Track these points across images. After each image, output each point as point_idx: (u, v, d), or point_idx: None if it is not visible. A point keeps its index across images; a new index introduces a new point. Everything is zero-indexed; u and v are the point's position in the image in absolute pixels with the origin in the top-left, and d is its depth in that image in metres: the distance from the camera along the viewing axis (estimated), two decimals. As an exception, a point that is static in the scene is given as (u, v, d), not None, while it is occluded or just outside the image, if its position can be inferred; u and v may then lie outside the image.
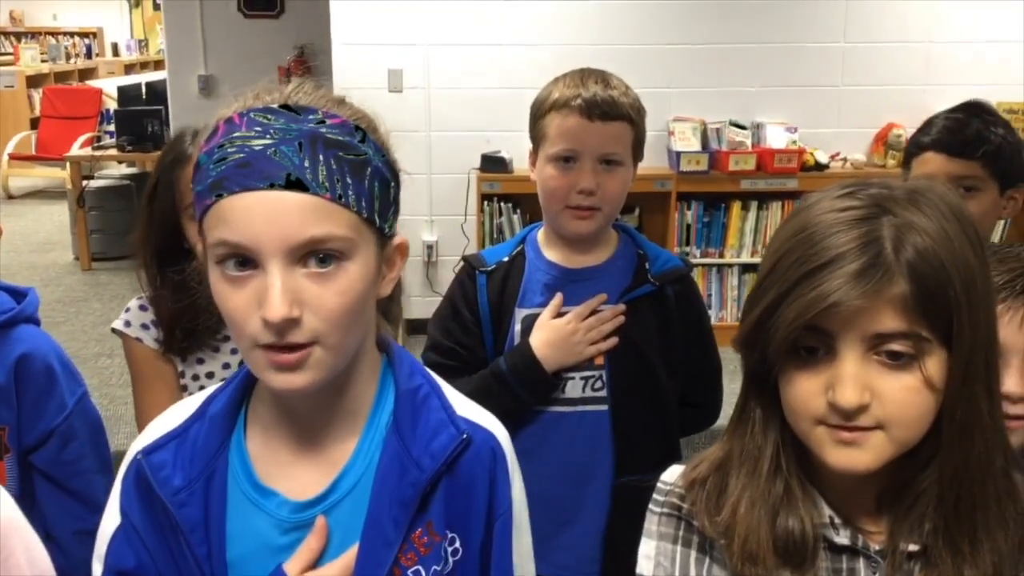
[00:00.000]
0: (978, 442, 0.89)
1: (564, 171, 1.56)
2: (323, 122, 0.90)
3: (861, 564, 0.94)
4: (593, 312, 1.60)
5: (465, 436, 0.96)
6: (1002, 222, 4.91)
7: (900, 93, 5.03)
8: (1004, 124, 1.74)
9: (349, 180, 0.90)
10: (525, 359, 1.57)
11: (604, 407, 1.61)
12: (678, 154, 4.91)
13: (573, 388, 1.61)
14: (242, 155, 0.87)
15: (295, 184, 0.87)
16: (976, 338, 0.87)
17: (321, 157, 0.89)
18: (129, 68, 13.39)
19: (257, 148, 0.87)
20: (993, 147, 1.69)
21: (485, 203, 4.95)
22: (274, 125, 0.89)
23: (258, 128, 0.88)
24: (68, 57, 12.45)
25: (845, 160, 5.04)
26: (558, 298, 1.61)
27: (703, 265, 5.10)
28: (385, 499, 0.94)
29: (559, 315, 1.60)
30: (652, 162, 5.06)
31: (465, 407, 1.03)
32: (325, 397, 0.96)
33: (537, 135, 1.61)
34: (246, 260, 0.88)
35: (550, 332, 1.58)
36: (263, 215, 0.87)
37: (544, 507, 1.27)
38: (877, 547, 0.94)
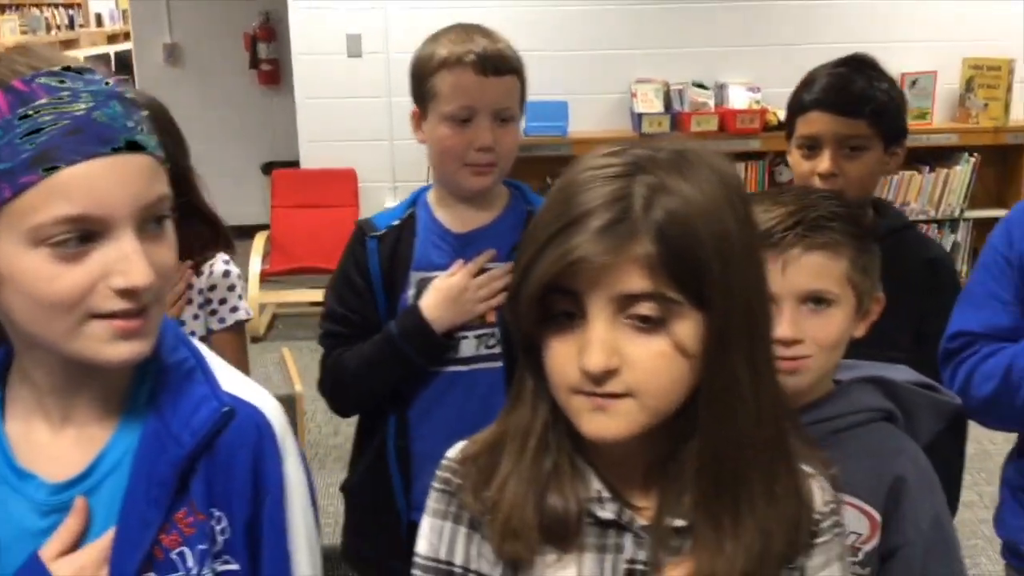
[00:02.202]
0: (738, 414, 0.86)
1: (460, 129, 1.53)
2: (108, 82, 0.88)
3: (628, 540, 0.92)
4: (484, 270, 1.59)
5: (226, 410, 0.93)
6: (968, 181, 4.89)
7: (864, 50, 4.96)
8: (888, 79, 1.70)
9: (156, 138, 0.90)
10: (415, 322, 1.57)
11: (499, 364, 1.60)
12: (640, 116, 4.88)
13: (467, 347, 1.60)
14: (67, 122, 0.84)
15: (134, 146, 0.86)
16: (732, 304, 0.84)
17: (135, 116, 0.88)
18: (112, 38, 13.27)
19: (79, 113, 0.84)
20: (879, 104, 1.65)
21: (446, 169, 4.93)
22: (78, 88, 0.85)
23: (65, 93, 0.85)
24: (49, 28, 12.34)
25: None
26: (457, 264, 1.60)
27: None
28: (144, 478, 0.91)
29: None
30: (614, 124, 5.04)
31: (233, 382, 0.99)
32: (83, 373, 0.93)
33: (426, 95, 1.57)
34: (88, 233, 0.84)
35: (439, 293, 1.57)
36: (114, 180, 0.84)
37: None
38: (644, 522, 0.91)
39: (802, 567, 0.93)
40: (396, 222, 1.64)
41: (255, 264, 4.79)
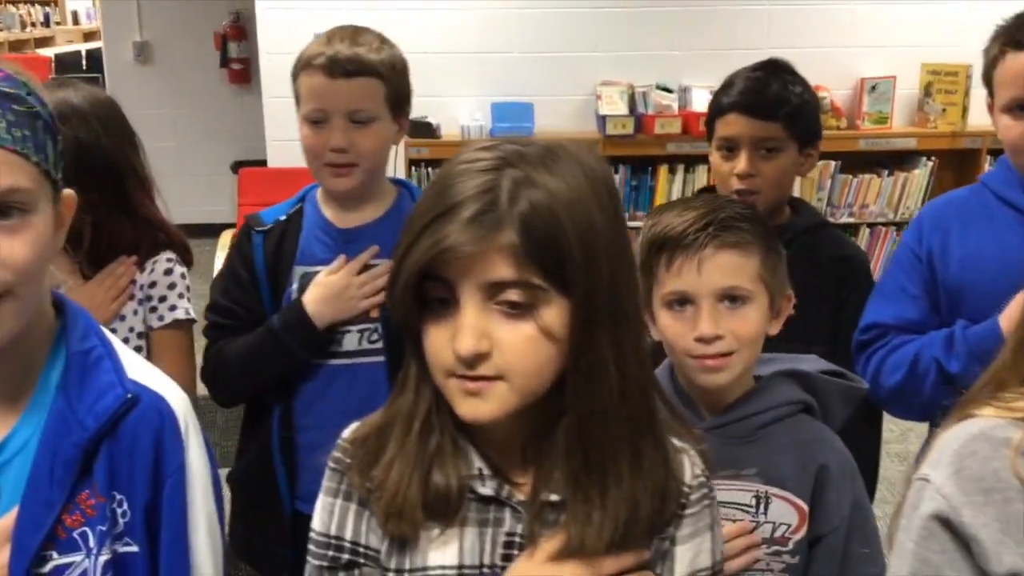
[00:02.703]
0: (604, 392, 0.91)
1: (317, 131, 1.59)
2: None
3: (507, 514, 0.96)
4: (369, 266, 1.63)
5: (130, 396, 0.97)
6: (926, 184, 4.97)
7: (825, 55, 5.04)
8: (802, 82, 1.76)
9: (27, 132, 0.92)
10: (297, 315, 1.60)
11: (381, 358, 1.64)
12: (604, 118, 4.93)
13: (350, 341, 1.64)
14: None
15: None
16: (596, 290, 0.89)
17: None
18: (89, 36, 13.23)
19: None
20: (793, 107, 1.71)
21: (413, 168, 4.95)
22: None
23: None
24: (24, 26, 12.30)
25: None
26: (340, 259, 1.63)
27: (633, 229, 5.12)
28: (48, 460, 0.94)
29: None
30: (579, 126, 5.08)
31: (140, 370, 1.03)
32: None
33: (295, 96, 1.63)
34: None
35: (323, 288, 1.61)
36: None
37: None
38: (522, 497, 0.96)
39: (672, 537, 0.99)
40: (283, 217, 1.69)
41: (221, 263, 4.80)
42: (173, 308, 1.76)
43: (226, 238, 5.02)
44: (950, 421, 0.96)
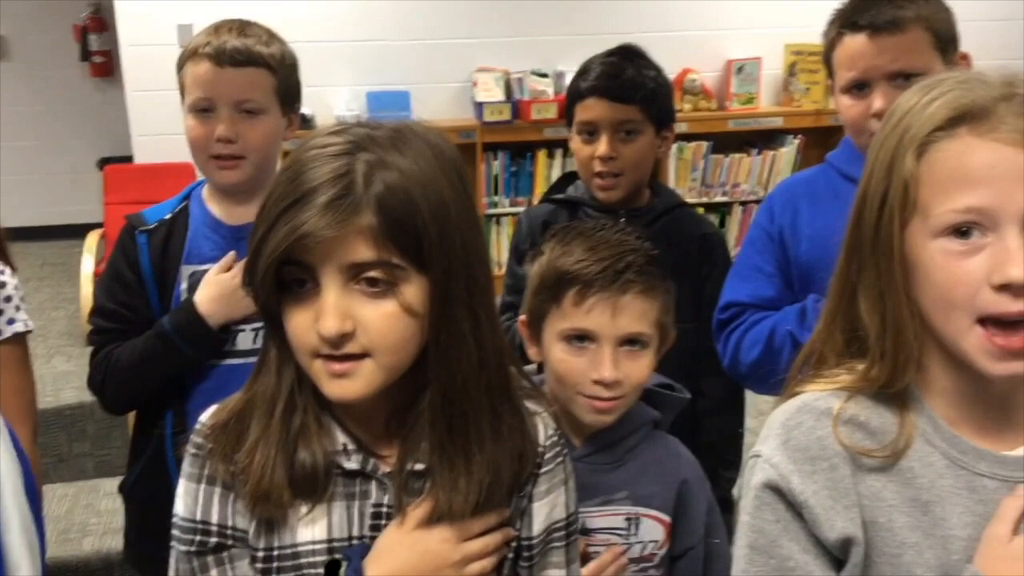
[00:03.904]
0: (464, 362, 0.95)
1: (203, 121, 1.55)
2: None
3: (373, 486, 0.99)
4: None
5: None
6: (793, 161, 5.13)
7: (693, 39, 5.16)
8: (655, 67, 1.81)
9: None
10: (189, 316, 1.56)
11: None
12: (481, 105, 4.93)
13: (244, 340, 1.60)
14: None
15: None
16: (452, 265, 0.92)
17: None
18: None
19: None
20: (649, 91, 1.75)
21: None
22: None
23: None
24: None
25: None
26: (230, 256, 1.59)
27: (512, 215, 5.16)
28: None
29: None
30: (457, 113, 5.07)
31: None
32: None
33: (180, 88, 1.58)
34: None
35: (215, 287, 1.57)
36: None
37: None
38: (388, 469, 0.99)
39: (529, 494, 1.05)
40: (168, 216, 1.64)
41: (87, 264, 4.63)
42: (12, 322, 1.66)
43: (93, 239, 4.83)
44: (780, 400, 0.99)
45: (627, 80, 1.75)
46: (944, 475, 0.91)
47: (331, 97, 4.93)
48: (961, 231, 0.85)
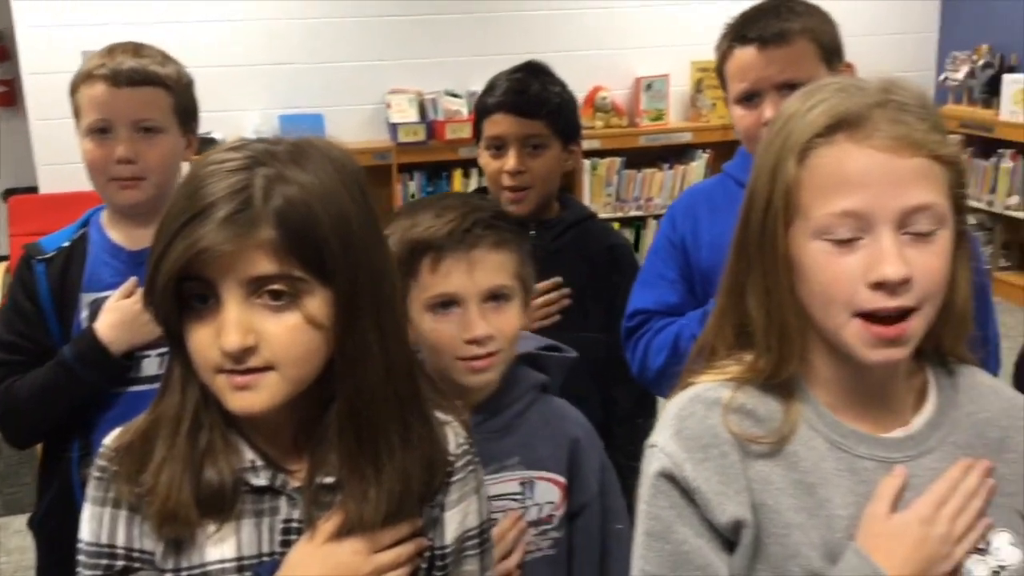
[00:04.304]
0: (371, 373, 0.95)
1: (100, 143, 1.54)
2: None
3: (283, 502, 0.99)
4: None
5: None
6: (703, 175, 5.26)
7: (604, 57, 5.26)
8: (559, 83, 1.85)
9: None
10: (90, 344, 1.53)
11: None
12: (395, 126, 4.94)
13: (150, 365, 1.58)
14: None
15: None
16: (356, 276, 0.93)
17: None
18: None
19: None
20: (554, 106, 1.79)
21: (200, 186, 4.80)
22: None
23: None
24: None
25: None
26: (131, 282, 1.57)
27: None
28: None
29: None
30: (371, 135, 5.07)
31: None
32: None
33: (74, 112, 1.57)
34: None
35: (116, 313, 1.54)
36: None
37: None
38: (297, 484, 0.99)
39: (441, 504, 1.05)
40: (66, 244, 1.61)
41: (-5, 297, 4.48)
42: None
43: (-2, 272, 4.68)
44: (676, 391, 1.03)
45: (533, 96, 1.78)
46: (827, 458, 0.96)
47: (242, 121, 4.88)
48: (842, 229, 0.90)
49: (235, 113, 4.89)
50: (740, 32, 1.57)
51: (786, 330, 0.95)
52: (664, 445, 0.98)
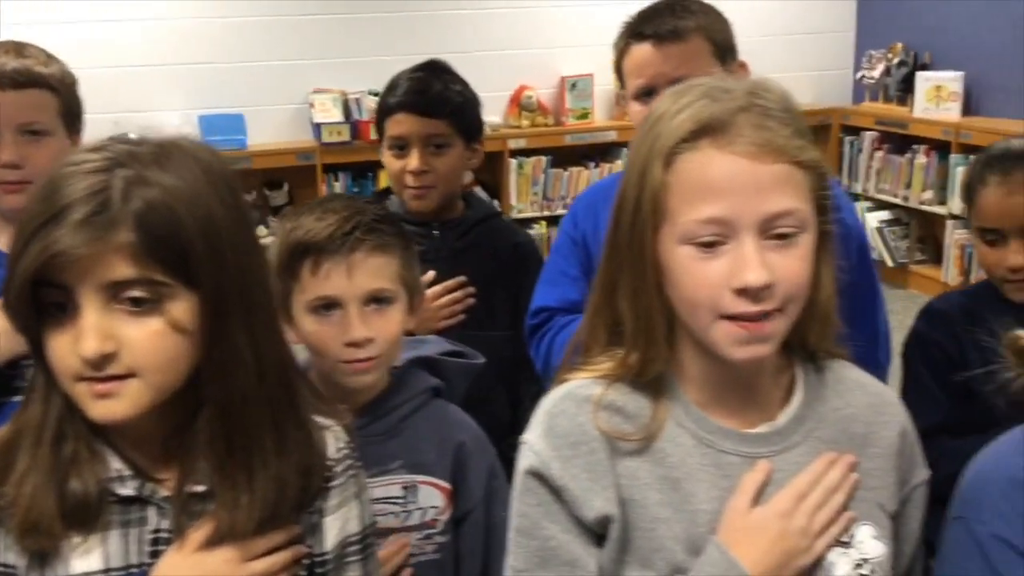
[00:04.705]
0: (241, 379, 0.94)
1: None
2: None
3: (152, 512, 0.97)
4: None
5: None
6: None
7: (529, 56, 5.28)
8: (461, 82, 1.84)
9: None
10: None
11: None
12: (319, 126, 4.89)
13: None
14: None
15: None
16: (224, 280, 0.91)
17: None
18: None
19: None
20: (456, 105, 1.79)
21: (117, 189, 4.70)
22: None
23: None
24: None
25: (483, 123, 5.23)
26: None
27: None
28: None
29: None
30: (294, 135, 5.01)
31: None
32: None
33: None
34: None
35: None
36: None
37: None
38: (167, 493, 0.97)
39: (320, 509, 1.03)
40: None
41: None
42: None
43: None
44: (551, 387, 1.03)
45: (434, 95, 1.78)
46: (693, 454, 0.97)
47: (161, 122, 4.76)
48: (706, 234, 0.91)
49: (154, 114, 4.78)
50: (637, 29, 1.59)
51: (654, 330, 0.96)
52: (533, 443, 0.98)
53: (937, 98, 4.96)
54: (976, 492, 0.99)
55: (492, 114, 5.25)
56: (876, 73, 5.38)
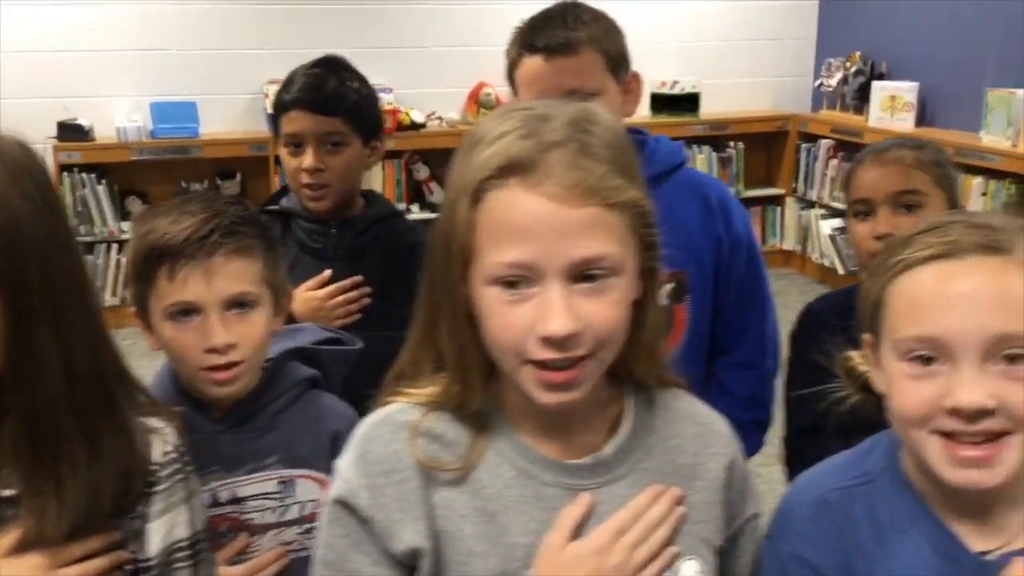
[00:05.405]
0: (47, 384, 0.91)
1: None
2: None
3: None
4: None
5: None
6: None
7: (487, 53, 5.23)
8: (359, 78, 1.81)
9: None
10: None
11: None
12: (274, 116, 4.84)
13: None
14: None
15: None
16: (27, 282, 0.88)
17: None
18: None
19: None
20: (352, 103, 1.76)
21: (65, 174, 4.64)
22: None
23: None
24: None
25: (441, 119, 5.21)
26: None
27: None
28: None
29: None
30: (249, 125, 4.98)
31: None
32: None
33: None
34: None
35: None
36: None
37: None
38: None
39: (143, 515, 1.01)
40: None
41: None
42: None
43: None
44: (372, 411, 0.99)
45: (330, 92, 1.75)
46: (512, 485, 0.93)
47: (112, 108, 4.75)
48: (511, 278, 0.86)
49: (105, 99, 4.75)
50: (528, 41, 1.57)
51: (470, 367, 0.92)
52: (344, 470, 0.95)
53: (892, 108, 4.97)
54: (786, 512, 0.98)
55: (451, 110, 5.24)
56: (834, 81, 5.39)
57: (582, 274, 0.86)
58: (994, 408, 0.85)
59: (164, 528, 1.02)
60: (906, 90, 4.94)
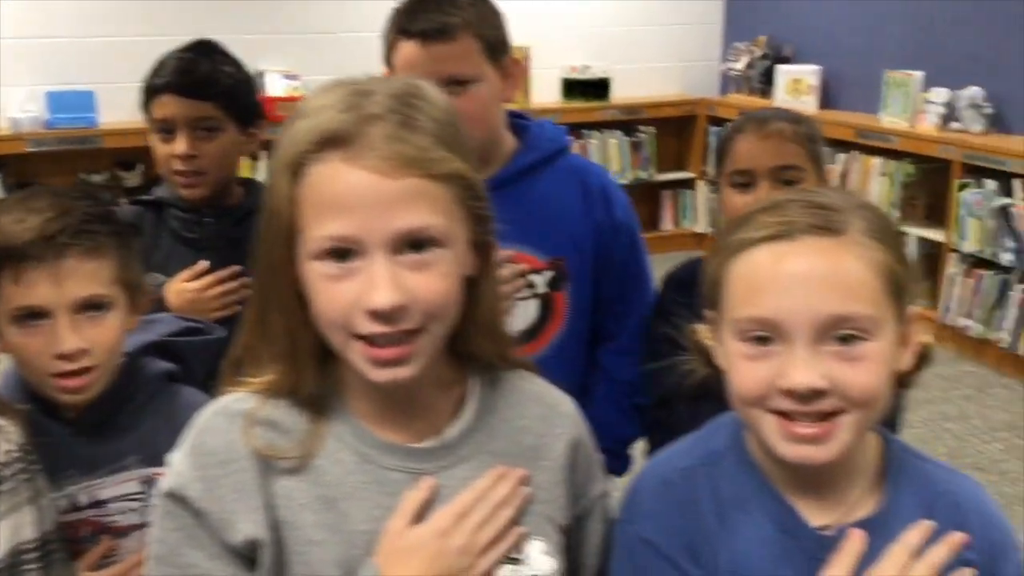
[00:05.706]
0: None
1: None
2: None
3: None
4: None
5: None
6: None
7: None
8: (233, 62, 1.76)
9: None
10: None
11: None
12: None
13: None
14: None
15: None
16: None
17: None
18: None
19: None
20: (226, 87, 1.71)
21: (-45, 167, 4.48)
22: None
23: None
24: None
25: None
26: None
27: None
28: None
29: None
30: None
31: None
32: None
33: None
34: None
35: None
36: None
37: None
38: None
39: None
40: None
41: None
42: None
43: None
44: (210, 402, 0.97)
45: (202, 76, 1.69)
46: (353, 472, 0.91)
47: (6, 97, 4.58)
48: (335, 253, 0.85)
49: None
50: (403, 25, 1.53)
51: (301, 349, 0.90)
52: (177, 463, 0.92)
53: (795, 91, 5.07)
54: (633, 493, 0.99)
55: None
56: (740, 65, 5.47)
57: (407, 246, 0.85)
58: (826, 388, 0.86)
59: (9, 529, 0.99)
60: (809, 73, 5.04)
